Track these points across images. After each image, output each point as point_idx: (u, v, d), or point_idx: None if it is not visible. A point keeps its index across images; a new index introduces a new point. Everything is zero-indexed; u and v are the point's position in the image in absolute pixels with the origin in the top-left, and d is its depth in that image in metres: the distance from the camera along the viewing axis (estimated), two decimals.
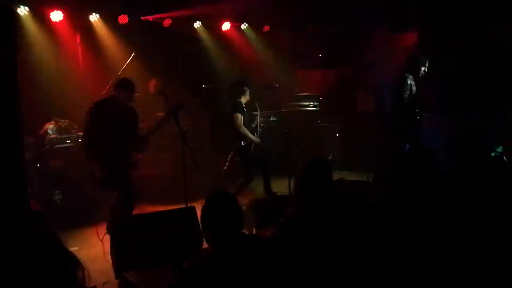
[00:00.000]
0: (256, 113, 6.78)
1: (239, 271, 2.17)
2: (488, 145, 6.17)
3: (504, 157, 5.67)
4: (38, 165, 6.25)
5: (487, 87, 6.77)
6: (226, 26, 8.78)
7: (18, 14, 6.40)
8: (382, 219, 2.66)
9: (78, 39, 7.32)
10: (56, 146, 6.30)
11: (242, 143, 6.45)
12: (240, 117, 6.35)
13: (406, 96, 5.98)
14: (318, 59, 9.59)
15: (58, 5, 6.65)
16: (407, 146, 5.88)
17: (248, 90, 6.47)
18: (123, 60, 7.07)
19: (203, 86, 8.34)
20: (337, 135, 8.68)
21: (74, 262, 1.37)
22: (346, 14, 8.01)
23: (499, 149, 6.19)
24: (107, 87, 6.58)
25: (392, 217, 2.63)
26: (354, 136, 8.31)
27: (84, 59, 7.39)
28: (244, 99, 6.43)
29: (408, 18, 7.90)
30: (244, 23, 9.09)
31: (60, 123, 6.45)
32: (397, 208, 2.67)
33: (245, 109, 6.47)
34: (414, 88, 6.05)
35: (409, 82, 6.01)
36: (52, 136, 6.33)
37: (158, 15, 7.73)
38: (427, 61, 6.11)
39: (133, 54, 7.09)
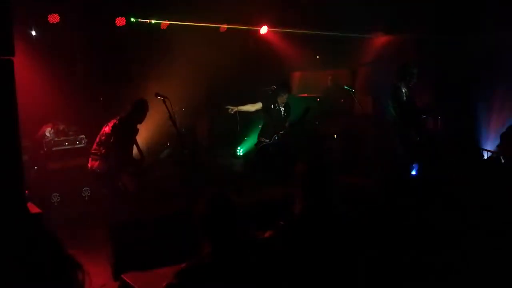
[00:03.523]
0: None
1: (237, 272, 2.18)
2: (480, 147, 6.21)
3: (501, 159, 5.68)
4: (36, 167, 6.24)
5: (481, 89, 6.82)
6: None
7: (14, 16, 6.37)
8: (380, 219, 2.67)
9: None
10: (54, 148, 6.29)
11: (260, 142, 6.60)
12: (256, 103, 6.62)
13: (402, 103, 6.08)
14: (316, 61, 9.59)
15: (54, 8, 6.65)
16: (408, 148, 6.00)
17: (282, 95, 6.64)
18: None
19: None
20: (335, 136, 8.67)
21: (73, 265, 1.37)
22: (344, 16, 8.02)
23: None
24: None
25: (390, 217, 2.64)
26: (352, 137, 8.31)
27: (81, 62, 7.37)
28: (280, 100, 6.64)
29: (404, 21, 7.92)
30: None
31: (57, 126, 6.44)
32: (395, 208, 2.68)
33: (275, 107, 6.63)
34: (407, 94, 6.13)
35: (403, 90, 6.09)
36: (50, 138, 6.32)
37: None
38: (415, 70, 6.16)
39: None
